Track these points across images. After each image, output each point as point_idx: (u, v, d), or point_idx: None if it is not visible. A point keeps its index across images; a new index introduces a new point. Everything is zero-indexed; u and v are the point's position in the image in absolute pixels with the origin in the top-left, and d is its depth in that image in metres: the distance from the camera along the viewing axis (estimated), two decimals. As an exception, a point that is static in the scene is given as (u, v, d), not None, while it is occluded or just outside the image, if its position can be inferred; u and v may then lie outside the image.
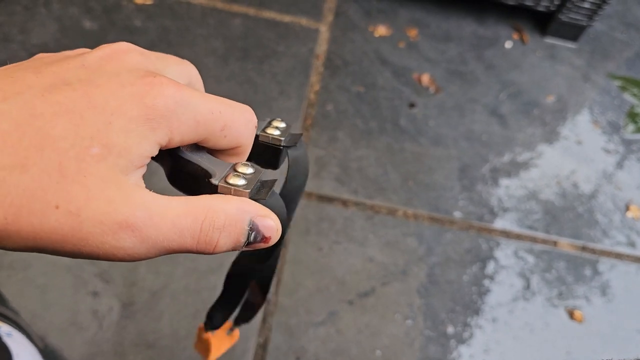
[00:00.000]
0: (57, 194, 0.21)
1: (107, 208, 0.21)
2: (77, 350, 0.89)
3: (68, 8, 1.26)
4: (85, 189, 0.21)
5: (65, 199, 0.21)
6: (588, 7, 1.32)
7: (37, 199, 0.21)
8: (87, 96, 0.22)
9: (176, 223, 0.23)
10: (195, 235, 0.23)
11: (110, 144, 0.22)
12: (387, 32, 1.36)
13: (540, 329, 1.02)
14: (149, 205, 0.22)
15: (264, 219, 0.25)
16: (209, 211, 0.23)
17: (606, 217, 1.17)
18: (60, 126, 0.21)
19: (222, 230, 0.23)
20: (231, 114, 0.26)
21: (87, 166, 0.21)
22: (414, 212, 1.11)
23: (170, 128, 0.23)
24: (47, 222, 0.21)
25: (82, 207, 0.21)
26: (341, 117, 1.20)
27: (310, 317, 0.97)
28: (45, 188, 0.21)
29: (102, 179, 0.22)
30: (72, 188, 0.21)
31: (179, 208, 0.23)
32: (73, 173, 0.21)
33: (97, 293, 0.93)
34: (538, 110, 1.30)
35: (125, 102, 0.22)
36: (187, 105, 0.23)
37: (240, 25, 1.30)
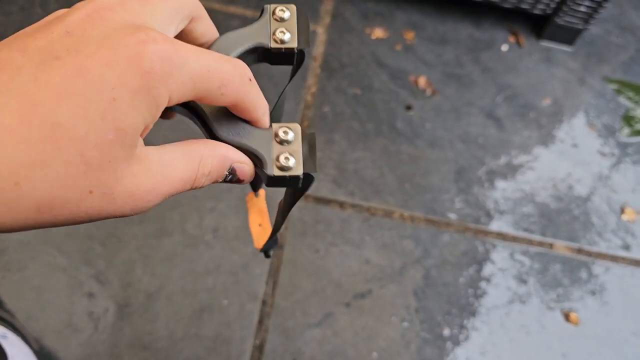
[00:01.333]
0: (88, 181, 0.22)
1: (135, 181, 0.23)
2: (72, 352, 0.88)
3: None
4: (113, 172, 0.22)
5: (97, 184, 0.22)
6: (584, 11, 1.33)
7: (69, 188, 0.21)
8: (81, 71, 0.21)
9: (181, 177, 0.26)
10: (191, 182, 0.26)
11: (123, 126, 0.22)
12: (384, 34, 1.36)
13: (536, 331, 1.02)
14: (163, 168, 0.25)
15: (242, 165, 0.28)
16: (202, 161, 0.26)
17: (602, 219, 1.17)
18: (65, 113, 0.21)
19: (209, 175, 0.27)
20: (227, 71, 0.26)
21: (108, 152, 0.22)
22: (410, 214, 1.11)
23: (169, 90, 0.23)
24: (84, 205, 0.22)
25: (114, 187, 0.23)
26: (338, 119, 1.21)
27: (307, 319, 0.97)
28: (74, 177, 0.21)
29: (124, 159, 0.23)
30: (101, 174, 0.22)
31: (180, 162, 0.26)
32: (97, 161, 0.22)
33: (93, 294, 0.93)
34: (534, 113, 1.30)
35: (123, 71, 0.22)
36: (182, 65, 0.23)
37: (238, 26, 1.30)
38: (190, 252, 0.99)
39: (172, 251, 0.98)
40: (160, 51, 0.23)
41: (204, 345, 0.91)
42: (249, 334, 0.94)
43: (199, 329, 0.92)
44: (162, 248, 0.98)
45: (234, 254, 0.99)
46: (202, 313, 0.94)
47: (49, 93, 0.21)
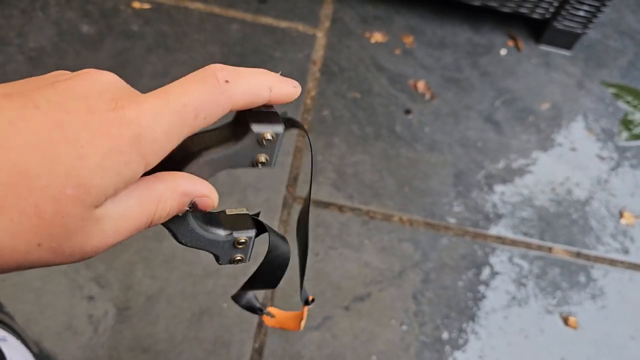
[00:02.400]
0: (37, 235, 0.22)
1: (86, 239, 0.23)
2: (72, 355, 0.89)
3: (66, 12, 1.26)
4: (64, 229, 0.22)
5: (47, 238, 0.22)
6: (583, 15, 1.34)
7: (19, 239, 0.22)
8: (58, 125, 0.22)
9: (135, 226, 0.25)
10: (145, 226, 0.26)
11: (86, 184, 0.22)
12: (383, 38, 1.37)
13: (535, 335, 1.03)
14: (115, 224, 0.24)
15: (203, 199, 0.27)
16: (159, 203, 0.26)
17: (600, 223, 1.18)
18: (33, 161, 0.21)
19: (167, 215, 0.26)
20: (200, 98, 0.25)
21: (64, 207, 0.22)
22: (409, 218, 1.11)
23: (142, 154, 0.23)
24: (31, 257, 0.22)
25: (63, 243, 0.23)
26: (337, 123, 1.21)
27: (306, 322, 0.97)
28: (26, 229, 0.22)
29: (80, 217, 0.22)
30: (52, 229, 0.22)
31: (135, 210, 0.25)
32: (50, 215, 0.22)
33: (93, 297, 0.93)
34: (533, 117, 1.31)
35: (95, 133, 0.22)
36: (153, 123, 0.23)
37: (238, 30, 1.30)
38: (190, 255, 0.99)
39: (172, 254, 0.99)
40: (129, 115, 0.23)
41: (203, 348, 0.92)
42: (248, 337, 0.94)
43: (198, 332, 0.93)
44: (162, 251, 0.99)
45: (234, 257, 0.99)
46: (201, 316, 0.94)
47: (23, 140, 0.21)
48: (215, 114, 0.26)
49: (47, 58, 1.19)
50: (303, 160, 1.14)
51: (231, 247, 0.31)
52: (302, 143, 1.17)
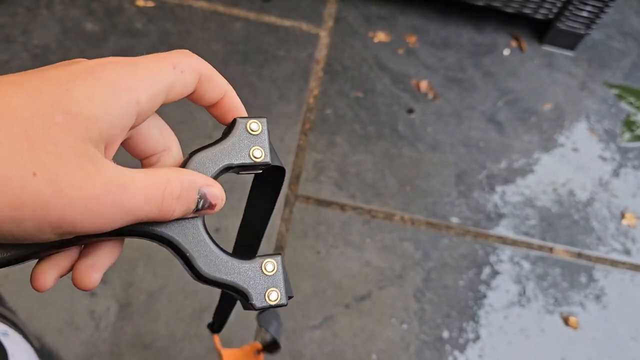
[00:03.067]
0: (32, 163, 0.21)
1: (85, 177, 0.22)
2: (73, 350, 0.89)
3: (70, 10, 1.27)
4: (59, 158, 0.21)
5: (41, 167, 0.21)
6: (586, 16, 1.33)
7: (13, 166, 0.21)
8: (40, 73, 0.23)
9: (145, 193, 0.24)
10: (158, 203, 0.25)
11: (74, 112, 0.22)
12: (387, 38, 1.37)
13: (536, 335, 1.03)
14: (121, 176, 0.23)
15: (211, 187, 0.27)
16: (168, 182, 0.25)
17: (602, 224, 1.18)
18: (18, 96, 0.21)
19: (178, 199, 0.26)
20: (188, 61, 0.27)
21: (55, 135, 0.21)
22: (410, 217, 1.11)
23: (131, 88, 0.24)
24: (29, 187, 0.21)
25: (61, 176, 0.21)
26: (340, 122, 1.21)
27: (307, 321, 0.97)
28: (18, 156, 0.21)
29: (74, 149, 0.22)
30: (46, 157, 0.21)
31: (145, 180, 0.24)
32: (42, 142, 0.21)
33: (95, 293, 0.94)
34: (535, 117, 1.31)
35: (78, 73, 0.23)
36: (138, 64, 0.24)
37: (241, 29, 1.31)
38: (192, 252, 0.99)
39: (174, 251, 0.99)
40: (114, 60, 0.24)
41: (204, 345, 0.92)
42: (249, 335, 0.94)
43: (199, 328, 0.93)
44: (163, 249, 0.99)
45: (235, 254, 1.00)
46: (202, 313, 0.94)
47: (8, 85, 0.22)
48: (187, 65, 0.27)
49: (52, 55, 1.19)
50: (305, 158, 1.15)
51: (260, 273, 0.29)
52: (304, 142, 1.17)
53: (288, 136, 1.16)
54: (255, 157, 0.29)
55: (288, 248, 1.04)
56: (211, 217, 1.03)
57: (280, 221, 1.06)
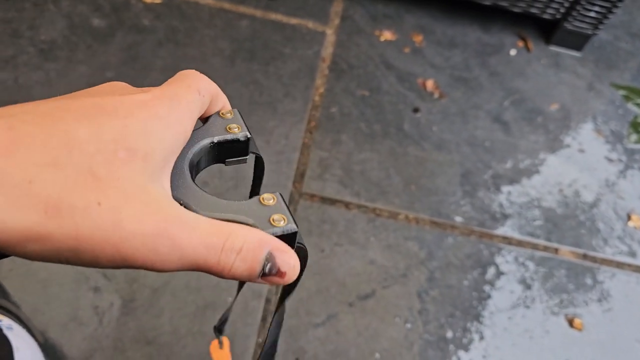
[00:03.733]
0: (96, 193, 0.22)
1: (146, 210, 0.22)
2: (77, 345, 0.89)
3: (77, 5, 1.27)
4: (121, 191, 0.22)
5: (105, 198, 0.22)
6: (593, 17, 1.33)
7: (78, 195, 0.21)
8: (101, 104, 0.24)
9: (204, 238, 0.23)
10: (217, 253, 0.24)
11: (133, 147, 0.23)
12: (393, 37, 1.37)
13: (540, 336, 1.02)
14: (182, 216, 0.24)
15: (283, 253, 0.25)
16: (232, 234, 0.24)
17: (608, 226, 1.17)
18: (82, 129, 0.22)
19: (240, 253, 0.24)
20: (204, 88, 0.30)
21: (117, 170, 0.22)
22: (415, 216, 1.11)
23: (180, 119, 0.26)
24: (92, 217, 0.21)
25: (123, 207, 0.22)
26: (345, 120, 1.21)
27: (310, 318, 0.97)
28: (83, 185, 0.21)
29: (135, 183, 0.23)
30: (109, 190, 0.22)
31: (206, 225, 0.24)
32: (106, 176, 0.22)
33: (98, 289, 0.94)
34: (541, 118, 1.30)
35: (134, 108, 0.24)
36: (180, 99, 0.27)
37: (248, 26, 1.31)
38: (196, 249, 0.99)
39: (178, 248, 0.99)
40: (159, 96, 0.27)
41: (207, 342, 0.92)
42: (252, 331, 0.94)
43: (202, 325, 0.93)
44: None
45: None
46: (205, 310, 0.94)
47: (70, 115, 0.23)
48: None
49: (58, 51, 1.19)
50: (310, 156, 1.14)
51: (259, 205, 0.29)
52: (309, 139, 1.17)
53: (293, 134, 1.16)
54: (232, 129, 0.32)
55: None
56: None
57: (284, 219, 1.06)
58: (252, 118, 1.15)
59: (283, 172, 1.11)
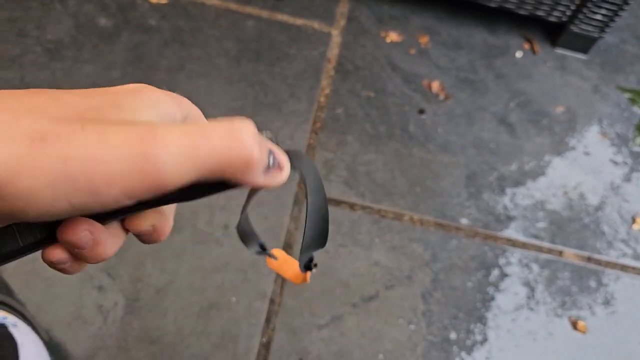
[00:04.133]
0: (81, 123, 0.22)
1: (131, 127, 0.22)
2: (81, 344, 0.89)
3: (83, 5, 1.27)
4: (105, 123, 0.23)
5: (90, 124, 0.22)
6: (600, 19, 1.33)
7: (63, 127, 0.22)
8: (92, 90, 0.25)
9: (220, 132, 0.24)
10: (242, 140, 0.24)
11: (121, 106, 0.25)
12: (399, 38, 1.37)
13: (543, 338, 1.02)
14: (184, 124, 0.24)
15: (279, 153, 0.27)
16: (243, 121, 0.25)
17: (612, 228, 1.17)
18: (73, 97, 0.24)
19: (258, 142, 0.24)
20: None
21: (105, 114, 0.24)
22: (420, 218, 1.11)
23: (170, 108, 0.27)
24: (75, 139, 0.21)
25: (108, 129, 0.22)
26: (350, 121, 1.21)
27: (314, 319, 0.97)
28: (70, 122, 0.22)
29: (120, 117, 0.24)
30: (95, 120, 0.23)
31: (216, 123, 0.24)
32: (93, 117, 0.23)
33: (103, 288, 0.94)
34: (547, 120, 1.30)
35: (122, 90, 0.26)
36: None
37: (253, 27, 1.31)
38: (200, 248, 0.99)
39: (182, 247, 0.99)
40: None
41: (211, 342, 0.92)
42: (256, 331, 0.94)
43: (206, 325, 0.93)
44: (172, 244, 0.99)
45: (243, 252, 1.00)
46: (210, 310, 0.94)
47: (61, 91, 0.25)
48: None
49: (65, 50, 1.20)
50: (315, 157, 1.14)
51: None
52: (314, 140, 1.17)
53: (298, 134, 1.16)
54: None
55: (297, 246, 1.03)
56: (222, 214, 1.03)
57: (289, 219, 1.06)
58: (257, 118, 1.15)
59: (288, 173, 1.11)
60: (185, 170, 0.22)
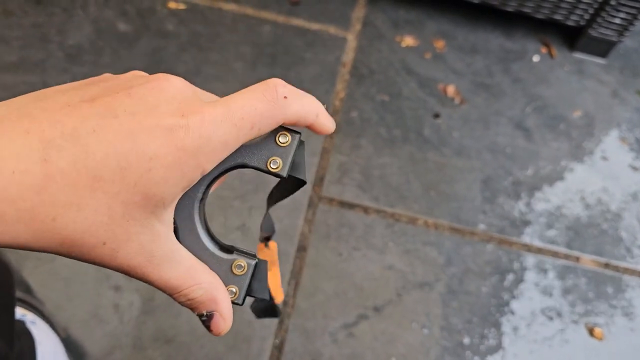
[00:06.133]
0: (105, 234, 0.25)
1: (137, 252, 0.27)
2: (97, 342, 0.91)
3: (104, 11, 1.30)
4: (126, 232, 0.26)
5: (110, 238, 0.25)
6: (619, 23, 1.31)
7: (90, 235, 0.25)
8: (131, 136, 0.25)
9: (170, 281, 0.28)
10: (173, 293, 0.29)
11: (150, 194, 0.26)
12: (414, 42, 1.37)
13: (559, 345, 1.01)
14: (165, 256, 0.28)
15: (221, 320, 0.31)
16: (193, 286, 0.29)
17: (631, 234, 1.15)
18: (109, 170, 0.24)
19: (190, 301, 0.29)
20: (258, 112, 0.28)
21: (131, 211, 0.25)
22: (434, 222, 1.11)
23: (201, 164, 0.27)
24: (93, 253, 0.26)
25: (122, 246, 0.26)
26: (365, 125, 1.21)
27: (327, 321, 0.98)
28: (97, 227, 0.25)
29: (141, 224, 0.26)
30: (117, 230, 0.25)
31: (176, 272, 0.29)
32: (119, 216, 0.25)
33: (119, 287, 0.95)
34: (564, 125, 1.29)
35: (162, 146, 0.25)
36: (213, 135, 0.26)
37: (270, 32, 1.32)
38: (215, 250, 1.00)
39: (197, 249, 1.00)
40: (192, 125, 0.26)
41: (224, 343, 0.93)
42: (269, 333, 0.95)
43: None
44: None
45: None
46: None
47: (102, 150, 0.24)
48: (268, 126, 0.29)
49: (85, 55, 1.22)
50: (330, 160, 1.15)
51: (228, 270, 0.31)
52: (329, 144, 1.18)
53: (313, 138, 1.17)
54: (272, 167, 0.30)
55: (310, 249, 1.04)
56: (236, 216, 1.04)
57: (303, 222, 1.07)
58: (273, 122, 1.16)
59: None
60: (152, 284, 0.29)
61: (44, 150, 0.23)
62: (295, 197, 1.09)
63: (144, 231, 0.26)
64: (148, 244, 0.27)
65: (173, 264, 0.28)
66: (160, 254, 0.27)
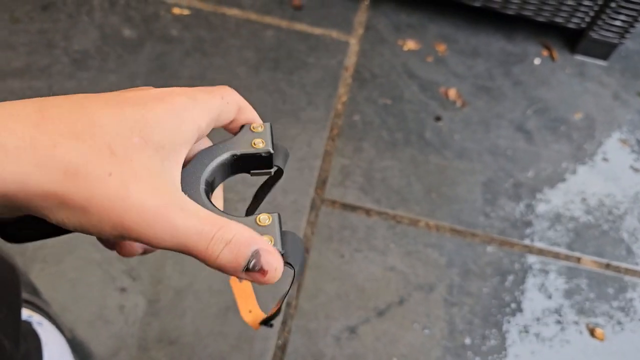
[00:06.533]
0: (110, 165, 0.25)
1: (150, 190, 0.26)
2: (103, 343, 0.92)
3: (109, 17, 1.32)
4: (131, 169, 0.25)
5: (118, 171, 0.25)
6: (619, 25, 1.32)
7: (94, 165, 0.25)
8: (121, 96, 0.28)
9: (198, 225, 0.26)
10: (207, 241, 0.26)
11: (147, 137, 0.26)
12: (416, 46, 1.38)
13: (560, 345, 1.02)
14: (182, 202, 0.27)
15: (269, 254, 0.27)
16: (225, 226, 0.27)
17: (632, 235, 1.16)
18: (105, 117, 0.26)
19: (228, 244, 0.26)
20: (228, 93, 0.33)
21: (132, 152, 0.26)
22: (436, 224, 1.12)
23: (194, 118, 0.29)
24: (100, 185, 0.25)
25: (131, 182, 0.25)
26: (367, 128, 1.23)
27: (329, 322, 0.99)
28: (100, 158, 0.25)
29: (145, 166, 0.26)
30: (122, 165, 0.25)
31: (203, 214, 0.27)
32: (121, 154, 0.25)
33: (125, 289, 0.97)
34: (565, 127, 1.30)
35: (151, 100, 0.28)
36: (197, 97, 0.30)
37: (273, 36, 1.34)
38: (219, 252, 1.02)
39: (201, 251, 1.01)
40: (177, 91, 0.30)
41: (228, 343, 0.94)
42: (272, 333, 0.96)
43: (223, 326, 0.95)
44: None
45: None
46: (227, 312, 0.96)
47: (96, 104, 0.27)
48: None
49: (90, 60, 1.24)
50: (332, 163, 1.16)
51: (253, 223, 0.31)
52: (331, 147, 1.19)
53: (315, 141, 1.18)
54: (256, 144, 0.33)
55: (313, 251, 1.05)
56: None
57: (306, 224, 1.08)
58: (276, 126, 1.18)
59: (305, 179, 1.13)
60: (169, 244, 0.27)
61: (39, 103, 0.25)
62: (298, 199, 1.10)
63: (150, 173, 0.26)
64: (159, 185, 0.26)
65: (193, 210, 0.26)
66: (177, 198, 0.26)
